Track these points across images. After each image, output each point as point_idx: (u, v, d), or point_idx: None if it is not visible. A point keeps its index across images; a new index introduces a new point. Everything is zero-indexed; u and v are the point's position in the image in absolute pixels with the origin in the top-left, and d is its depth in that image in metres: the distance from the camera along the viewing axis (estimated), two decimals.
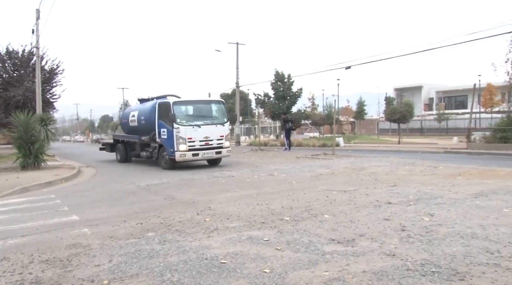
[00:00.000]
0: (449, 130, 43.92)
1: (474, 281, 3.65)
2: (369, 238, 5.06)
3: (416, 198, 7.53)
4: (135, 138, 17.78)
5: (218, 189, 9.86)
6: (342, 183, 9.91)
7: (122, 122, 20.64)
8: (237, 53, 37.41)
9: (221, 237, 5.44)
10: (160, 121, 15.52)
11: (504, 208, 6.48)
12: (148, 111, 16.86)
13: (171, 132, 14.76)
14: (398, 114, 29.56)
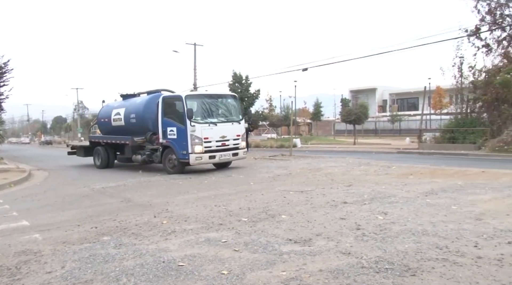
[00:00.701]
0: (402, 131, 45.39)
1: (424, 276, 3.80)
2: (325, 237, 5.15)
3: (370, 197, 7.74)
4: (125, 139, 15.36)
5: (175, 191, 9.75)
6: (299, 184, 10.04)
7: (101, 122, 17.79)
8: (195, 54, 37.19)
9: (179, 239, 5.39)
10: (166, 119, 13.41)
11: (452, 205, 6.77)
12: (141, 108, 14.81)
13: (184, 132, 12.66)
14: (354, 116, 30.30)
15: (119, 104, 16.91)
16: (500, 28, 21.72)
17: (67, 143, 28.33)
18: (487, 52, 22.09)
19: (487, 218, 5.90)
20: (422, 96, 29.41)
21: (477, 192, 7.98)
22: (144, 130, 14.45)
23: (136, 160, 15.10)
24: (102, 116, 17.76)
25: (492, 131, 19.72)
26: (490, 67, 21.95)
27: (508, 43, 21.95)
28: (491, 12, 21.63)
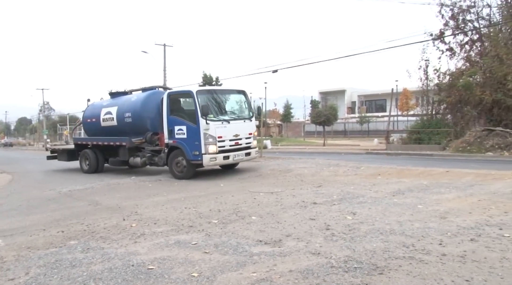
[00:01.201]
0: (370, 132, 46.21)
1: (392, 274, 3.88)
2: (295, 238, 5.20)
3: (339, 198, 7.84)
4: (121, 141, 13.96)
5: (145, 193, 9.63)
6: (269, 185, 10.09)
7: (87, 123, 16.09)
8: (164, 54, 36.87)
9: (148, 242, 5.32)
10: (173, 117, 12.27)
11: (418, 205, 6.94)
12: (138, 106, 13.62)
13: (196, 130, 11.56)
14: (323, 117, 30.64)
15: (109, 102, 15.40)
16: (463, 33, 22.45)
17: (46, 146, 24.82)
18: (450, 55, 22.81)
19: (451, 216, 6.08)
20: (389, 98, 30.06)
21: (442, 191, 8.22)
22: (141, 131, 13.45)
23: (134, 163, 13.84)
24: (88, 116, 16.06)
25: (456, 132, 20.33)
26: (453, 70, 22.66)
27: (470, 47, 22.72)
28: (454, 17, 22.34)
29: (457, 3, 21.97)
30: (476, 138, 18.18)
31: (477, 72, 21.36)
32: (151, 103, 13.43)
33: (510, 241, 4.77)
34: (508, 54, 19.29)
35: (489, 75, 20.52)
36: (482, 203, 6.94)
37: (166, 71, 36.92)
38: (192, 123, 11.72)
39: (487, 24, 21.79)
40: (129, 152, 13.79)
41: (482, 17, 22.03)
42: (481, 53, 22.05)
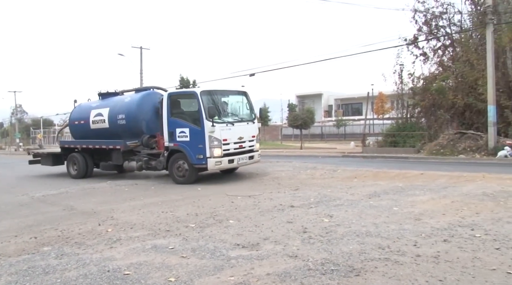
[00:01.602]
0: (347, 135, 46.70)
1: (368, 276, 3.93)
2: (273, 241, 5.21)
3: (316, 201, 7.90)
4: (115, 144, 13.21)
5: (121, 198, 9.50)
6: (247, 188, 10.08)
7: (74, 125, 15.22)
8: (141, 57, 36.50)
9: (124, 247, 5.25)
10: (174, 119, 11.67)
11: (394, 207, 7.05)
12: (133, 108, 12.95)
13: (200, 133, 11.05)
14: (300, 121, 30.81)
15: (99, 104, 14.58)
16: (436, 38, 22.99)
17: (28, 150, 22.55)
18: (424, 60, 23.32)
19: (425, 217, 6.20)
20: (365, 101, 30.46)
21: (417, 193, 8.37)
22: (136, 133, 12.86)
23: (129, 167, 13.13)
24: (75, 118, 15.10)
25: (430, 135, 20.76)
26: (427, 75, 23.19)
27: (443, 52, 23.29)
28: (427, 23, 22.86)
29: (430, 9, 22.50)
30: (449, 141, 18.60)
31: (450, 76, 21.90)
32: (147, 105, 13.00)
33: (482, 241, 4.89)
34: (478, 59, 19.83)
35: (461, 80, 21.07)
36: (455, 205, 7.10)
37: (142, 74, 36.57)
38: (195, 125, 11.24)
39: (459, 30, 22.38)
40: (123, 155, 13.10)
41: (453, 23, 22.61)
42: (453, 58, 22.61)
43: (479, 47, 20.76)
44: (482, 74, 18.64)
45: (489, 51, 17.14)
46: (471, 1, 22.07)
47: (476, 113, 19.94)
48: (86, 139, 14.50)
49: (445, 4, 22.19)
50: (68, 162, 14.93)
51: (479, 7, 20.84)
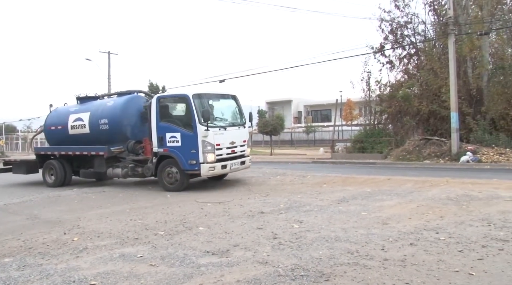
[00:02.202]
0: (316, 141, 47.13)
1: (337, 281, 3.97)
2: (243, 248, 5.20)
3: (286, 207, 7.94)
4: (98, 150, 12.56)
5: (88, 206, 9.27)
6: (217, 195, 10.03)
7: (50, 131, 14.34)
8: (109, 62, 35.98)
9: (91, 256, 5.13)
10: (164, 124, 11.19)
11: (362, 212, 7.17)
12: (117, 112, 12.38)
13: (192, 138, 10.63)
14: (270, 127, 30.94)
15: (78, 108, 13.84)
16: (401, 47, 23.64)
17: None
18: (390, 68, 23.95)
19: (392, 222, 6.33)
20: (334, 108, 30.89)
21: (384, 198, 8.54)
22: (120, 139, 12.31)
23: (113, 174, 12.51)
24: (51, 123, 14.27)
25: (396, 141, 21.24)
26: (393, 82, 23.79)
27: (408, 61, 23.97)
28: (393, 32, 23.50)
29: (395, 19, 23.13)
30: (414, 147, 19.08)
31: (415, 84, 22.55)
32: (131, 109, 12.50)
33: (446, 244, 5.03)
34: (441, 68, 20.48)
35: (425, 87, 21.71)
36: (421, 209, 7.28)
37: (110, 79, 36.02)
38: (187, 130, 10.82)
39: (423, 39, 23.07)
40: (106, 162, 12.47)
41: (418, 33, 23.32)
42: (418, 67, 23.30)
43: (442, 56, 21.47)
44: (445, 82, 19.25)
45: (451, 60, 17.73)
46: (434, 12, 22.84)
47: (440, 120, 20.57)
48: (63, 145, 13.78)
49: (409, 14, 22.88)
50: (44, 169, 14.04)
51: (442, 18, 21.58)
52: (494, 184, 9.89)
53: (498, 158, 16.65)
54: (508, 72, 18.85)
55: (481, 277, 3.98)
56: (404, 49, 23.77)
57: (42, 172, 14.13)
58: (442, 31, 20.65)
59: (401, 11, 23.00)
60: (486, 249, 4.83)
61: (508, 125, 18.96)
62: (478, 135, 18.69)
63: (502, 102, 18.71)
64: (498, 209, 7.03)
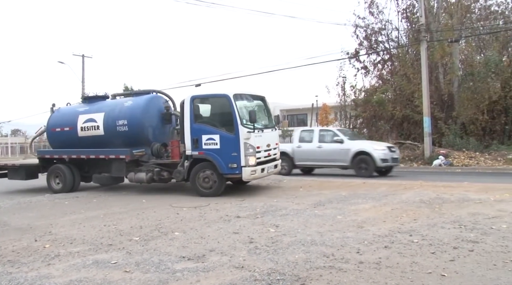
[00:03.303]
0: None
1: (313, 284, 3.99)
2: (219, 253, 5.17)
3: (263, 211, 7.94)
4: (119, 153, 11.67)
5: (61, 212, 9.05)
6: (192, 199, 9.94)
7: (54, 133, 13.24)
8: (83, 66, 35.43)
9: (63, 263, 5.00)
10: (199, 125, 10.52)
11: (338, 215, 7.23)
12: (137, 113, 11.64)
13: (234, 140, 10.08)
14: None
15: (88, 108, 12.85)
16: (375, 53, 24.09)
17: None
18: (365, 73, 24.39)
19: (367, 225, 6.40)
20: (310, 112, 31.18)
21: (359, 201, 8.63)
22: (139, 141, 11.66)
23: (136, 179, 11.62)
24: (55, 124, 13.17)
25: None
26: (368, 87, 24.20)
27: (382, 66, 24.45)
28: (367, 38, 23.94)
29: (370, 25, 23.58)
30: None
31: (389, 89, 22.99)
32: (152, 110, 11.89)
33: (419, 246, 5.12)
34: (414, 73, 20.96)
35: (399, 93, 22.15)
36: (395, 212, 7.40)
37: (84, 82, 35.44)
38: (228, 132, 10.26)
39: (396, 45, 23.58)
40: (127, 166, 11.69)
41: (392, 39, 23.84)
42: (391, 72, 23.78)
43: (414, 62, 21.98)
44: (417, 88, 19.69)
45: (423, 66, 18.15)
46: (406, 19, 23.37)
47: (413, 124, 21.01)
48: (70, 148, 12.74)
49: (383, 20, 23.40)
50: (49, 175, 12.88)
51: (414, 25, 22.09)
52: (465, 187, 10.13)
53: (468, 162, 17.10)
54: (477, 78, 19.42)
55: (452, 277, 4.06)
56: (378, 55, 24.25)
57: (47, 177, 13.01)
58: (414, 38, 21.14)
59: (375, 18, 23.51)
60: (457, 250, 4.94)
61: (478, 130, 19.53)
62: (449, 140, 19.16)
63: (472, 107, 19.26)
64: (469, 211, 7.20)
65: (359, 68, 24.23)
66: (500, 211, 7.19)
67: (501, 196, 8.63)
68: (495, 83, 19.40)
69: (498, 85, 19.44)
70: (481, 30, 22.01)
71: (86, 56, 35.64)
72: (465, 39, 21.79)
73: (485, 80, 19.12)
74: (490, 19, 22.36)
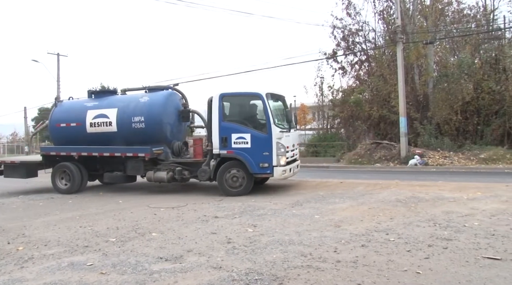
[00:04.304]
0: None
1: (291, 284, 4.01)
2: (197, 253, 5.14)
3: (241, 211, 7.93)
4: (138, 151, 11.13)
5: (35, 213, 8.85)
6: (170, 200, 9.88)
7: (59, 129, 12.36)
8: (58, 64, 34.77)
9: (37, 266, 4.90)
10: (228, 124, 10.33)
11: (315, 215, 7.28)
12: (156, 110, 11.20)
13: (266, 139, 9.97)
14: None
15: (98, 103, 12.09)
16: (353, 54, 24.35)
17: None
18: (343, 74, 24.62)
19: (344, 224, 6.47)
20: None
21: (337, 201, 8.71)
22: (157, 139, 11.23)
23: (155, 178, 11.20)
24: (59, 119, 12.36)
25: (349, 145, 21.81)
26: (345, 88, 24.44)
27: (359, 67, 24.73)
28: (345, 39, 24.18)
29: (347, 26, 23.82)
30: (366, 151, 19.64)
31: (366, 90, 23.28)
32: (170, 107, 11.54)
33: (395, 245, 5.20)
34: (390, 74, 21.27)
35: (375, 93, 22.45)
36: (372, 211, 7.49)
37: (60, 81, 34.75)
38: (260, 131, 10.16)
39: (373, 46, 23.88)
40: (144, 164, 11.29)
41: (368, 40, 24.15)
42: (368, 73, 24.09)
43: (391, 63, 22.30)
44: (394, 88, 19.99)
45: (399, 67, 18.42)
46: (383, 21, 23.71)
47: (390, 125, 21.33)
48: (75, 145, 11.98)
49: (360, 22, 23.67)
50: (54, 173, 12.18)
51: (390, 26, 22.43)
52: (439, 186, 10.34)
53: (443, 161, 17.44)
54: (451, 79, 19.83)
55: (427, 275, 4.14)
56: (356, 55, 24.52)
57: (52, 176, 12.26)
58: (391, 39, 21.46)
59: (353, 19, 23.76)
60: (432, 248, 5.03)
61: (452, 130, 19.94)
62: (425, 140, 19.51)
63: (446, 108, 19.64)
64: (443, 210, 7.35)
65: (336, 68, 24.46)
66: (473, 209, 7.37)
67: (474, 195, 8.85)
68: (468, 85, 19.83)
69: (471, 87, 19.88)
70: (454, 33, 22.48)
71: (62, 54, 35.06)
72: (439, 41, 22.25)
73: (459, 82, 19.54)
74: (462, 22, 22.88)
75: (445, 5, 22.79)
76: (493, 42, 21.41)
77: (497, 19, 22.31)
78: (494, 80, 19.45)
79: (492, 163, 16.76)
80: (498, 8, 22.27)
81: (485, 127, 19.67)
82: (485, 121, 19.80)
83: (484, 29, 22.24)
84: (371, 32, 23.87)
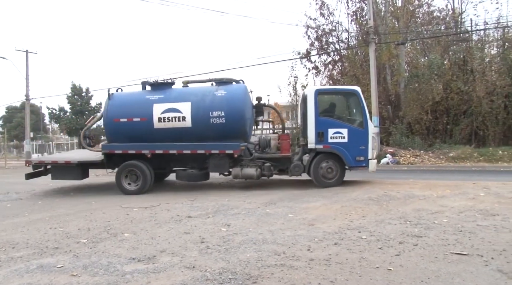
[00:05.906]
0: None
1: (265, 282, 4.02)
2: (170, 253, 5.10)
3: (214, 210, 7.91)
4: (225, 148, 10.62)
5: (2, 215, 8.59)
6: (143, 200, 9.76)
7: (116, 124, 11.14)
8: (27, 62, 33.86)
9: (4, 269, 4.76)
10: (325, 119, 10.57)
11: (289, 214, 7.32)
12: (236, 104, 10.74)
13: (364, 134, 10.41)
14: None
15: (164, 96, 11.08)
16: (326, 53, 24.59)
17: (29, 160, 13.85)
18: (316, 73, 24.86)
19: (318, 223, 6.53)
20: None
21: (310, 200, 8.78)
22: (236, 134, 10.78)
23: (242, 175, 10.90)
24: (119, 114, 11.17)
25: None
26: None
27: (333, 67, 25.01)
28: (318, 39, 24.39)
29: (321, 26, 24.04)
30: None
31: None
32: (249, 101, 11.27)
33: (367, 242, 5.28)
34: (363, 74, 21.60)
35: None
36: (345, 209, 7.59)
37: (29, 79, 33.86)
38: (357, 126, 10.56)
39: (346, 47, 24.18)
40: (230, 161, 10.85)
41: (342, 40, 24.44)
42: (342, 73, 24.39)
43: (363, 63, 22.65)
44: (366, 88, 20.26)
45: (372, 67, 18.74)
46: (356, 22, 24.05)
47: None
48: (141, 142, 11.05)
49: (334, 22, 23.95)
50: (121, 173, 11.10)
51: (363, 27, 22.77)
52: (410, 184, 10.56)
53: (414, 160, 17.83)
54: (421, 80, 20.28)
55: (398, 271, 4.22)
56: (329, 55, 24.79)
57: (119, 176, 11.13)
58: (363, 40, 21.78)
59: (326, 19, 24.01)
60: (402, 245, 5.13)
61: (422, 129, 20.40)
62: (396, 139, 19.89)
63: (417, 107, 20.09)
64: (413, 207, 7.51)
65: (310, 68, 24.69)
66: (442, 206, 7.56)
67: (443, 192, 9.07)
68: (438, 85, 20.33)
69: (440, 87, 20.38)
70: (425, 34, 23.01)
71: (31, 51, 34.12)
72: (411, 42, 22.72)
73: (429, 82, 20.01)
74: (433, 24, 23.43)
75: (416, 7, 23.32)
76: (461, 44, 22.01)
77: (465, 21, 22.97)
78: (463, 81, 20.01)
79: (460, 161, 17.24)
80: (466, 11, 22.93)
81: (454, 127, 20.20)
82: (454, 120, 20.34)
83: (453, 31, 22.84)
84: (344, 32, 24.21)
